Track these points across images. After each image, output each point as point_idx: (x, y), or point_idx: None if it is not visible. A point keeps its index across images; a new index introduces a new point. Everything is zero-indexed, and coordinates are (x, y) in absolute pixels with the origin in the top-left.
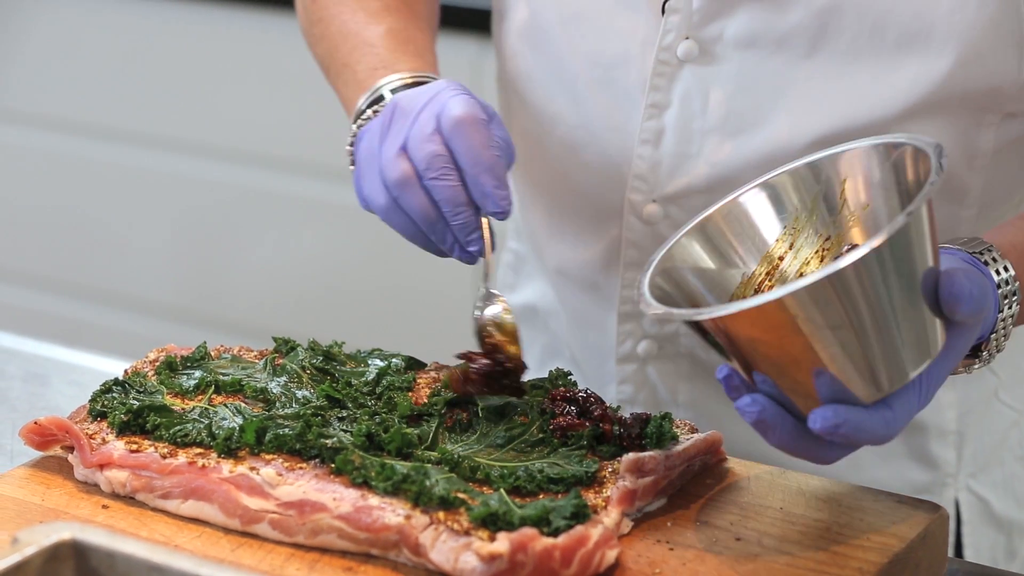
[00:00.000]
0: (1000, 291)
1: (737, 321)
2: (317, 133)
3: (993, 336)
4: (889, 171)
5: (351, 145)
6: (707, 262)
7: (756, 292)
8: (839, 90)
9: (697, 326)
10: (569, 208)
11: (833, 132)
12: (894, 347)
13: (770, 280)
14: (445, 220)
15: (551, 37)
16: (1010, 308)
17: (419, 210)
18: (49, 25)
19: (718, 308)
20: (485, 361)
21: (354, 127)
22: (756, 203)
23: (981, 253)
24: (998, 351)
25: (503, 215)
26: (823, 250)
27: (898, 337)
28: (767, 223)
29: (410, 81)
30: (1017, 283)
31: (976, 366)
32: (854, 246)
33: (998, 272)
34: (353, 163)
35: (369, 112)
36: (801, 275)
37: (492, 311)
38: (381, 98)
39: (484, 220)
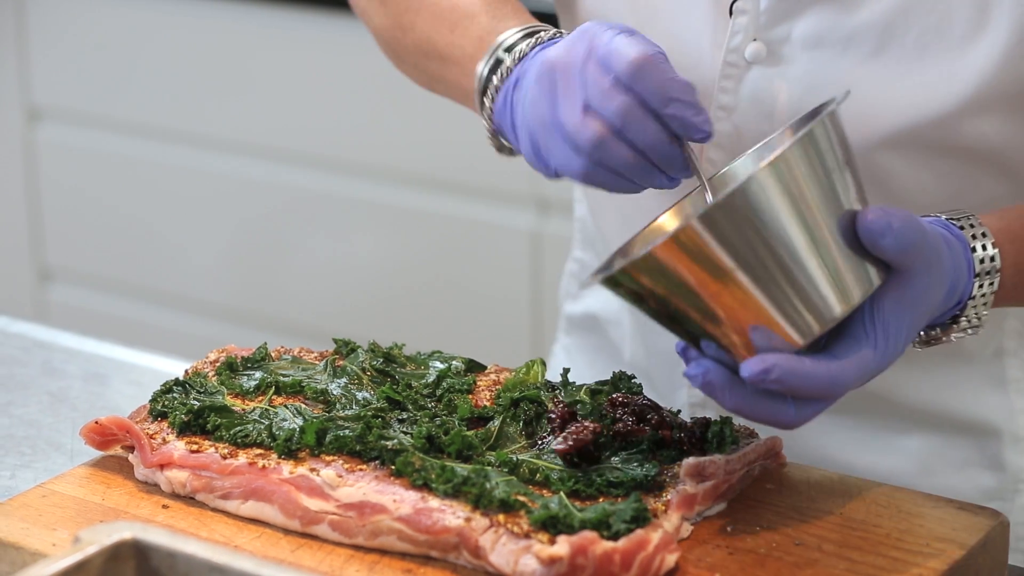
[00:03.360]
0: (981, 265)
1: (637, 277)
2: (377, 136)
3: (971, 302)
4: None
5: (491, 120)
6: None
7: None
8: (906, 87)
9: (611, 287)
10: (642, 213)
11: (901, 129)
12: (804, 288)
13: None
14: (652, 163)
15: None
16: (991, 286)
17: (625, 162)
18: (107, 24)
19: (614, 265)
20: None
21: (487, 101)
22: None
23: (959, 219)
24: (979, 320)
25: (708, 137)
26: None
27: (806, 277)
28: None
29: (523, 34)
30: (996, 262)
31: (957, 335)
32: None
33: (975, 237)
34: (497, 140)
35: (495, 80)
36: None
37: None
38: (500, 62)
39: (688, 146)
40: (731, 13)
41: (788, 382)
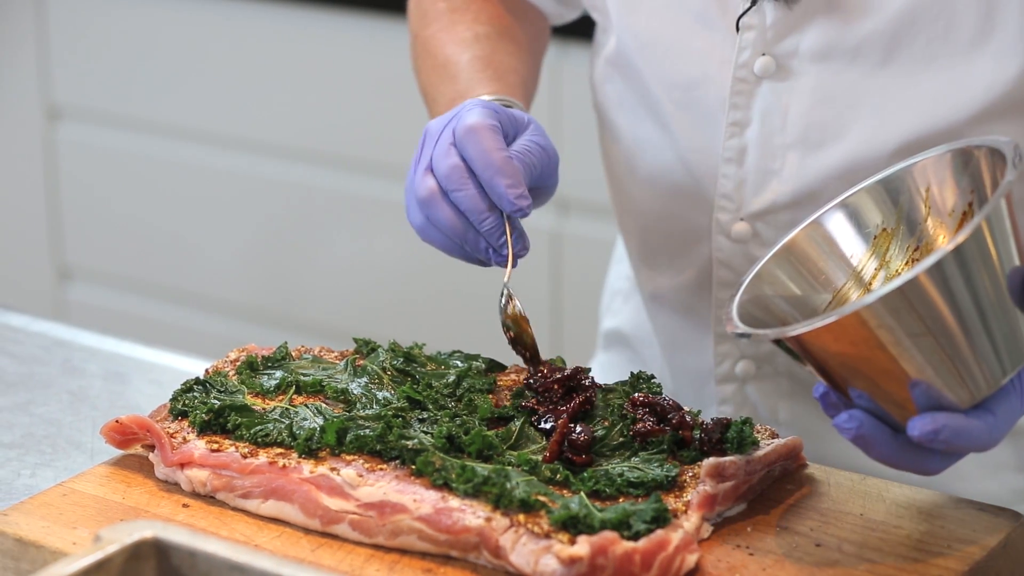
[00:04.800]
0: None
1: (819, 337)
2: (397, 135)
3: None
4: (967, 175)
5: None
6: (795, 287)
7: None
8: (916, 96)
9: (784, 345)
10: (661, 233)
11: (912, 139)
12: (985, 350)
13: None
14: (475, 229)
15: (634, 62)
16: None
17: (447, 223)
18: (127, 23)
19: (798, 326)
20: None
21: None
22: (837, 223)
23: None
24: None
25: (521, 213)
26: (912, 260)
27: (988, 339)
28: (850, 242)
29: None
30: None
31: None
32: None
33: None
34: None
35: None
36: None
37: (515, 306)
38: None
39: (510, 220)
40: (738, 28)
41: (953, 441)
